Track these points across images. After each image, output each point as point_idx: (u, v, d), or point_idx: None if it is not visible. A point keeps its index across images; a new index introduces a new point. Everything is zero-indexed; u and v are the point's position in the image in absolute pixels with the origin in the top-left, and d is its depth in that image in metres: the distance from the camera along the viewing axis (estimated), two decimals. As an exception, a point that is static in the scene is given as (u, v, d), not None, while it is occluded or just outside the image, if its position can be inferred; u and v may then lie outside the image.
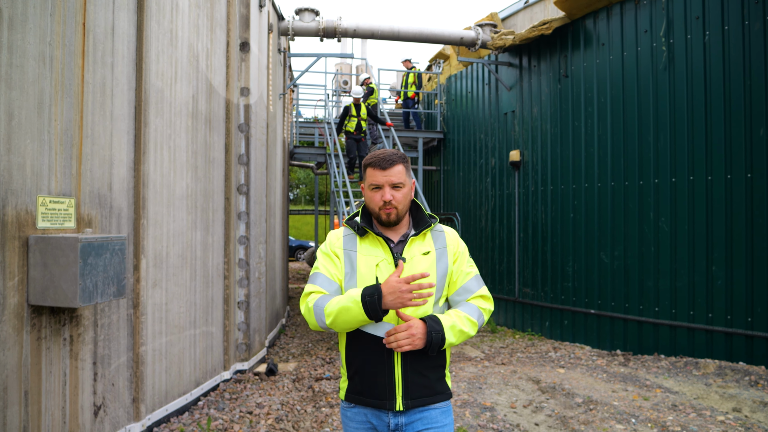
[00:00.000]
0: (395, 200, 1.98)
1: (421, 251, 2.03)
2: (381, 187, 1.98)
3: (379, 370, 1.94)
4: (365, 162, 2.04)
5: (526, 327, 9.14)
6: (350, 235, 2.08)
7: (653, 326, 7.09)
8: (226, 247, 5.75)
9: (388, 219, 2.00)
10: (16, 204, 3.06)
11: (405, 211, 2.04)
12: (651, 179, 7.20)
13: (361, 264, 2.00)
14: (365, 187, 2.05)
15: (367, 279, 1.97)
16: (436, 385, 2.01)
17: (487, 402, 5.12)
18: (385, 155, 2.00)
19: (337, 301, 1.89)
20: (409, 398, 1.95)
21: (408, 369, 1.95)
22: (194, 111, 5.04)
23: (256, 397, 5.13)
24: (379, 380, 1.95)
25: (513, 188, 9.63)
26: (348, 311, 1.85)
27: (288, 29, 8.48)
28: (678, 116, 6.94)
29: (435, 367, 2.00)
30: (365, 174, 2.04)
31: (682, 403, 5.06)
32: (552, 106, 8.71)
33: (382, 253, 2.01)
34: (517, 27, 9.77)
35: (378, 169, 1.98)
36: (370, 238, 2.05)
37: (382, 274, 1.96)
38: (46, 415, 3.29)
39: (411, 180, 2.08)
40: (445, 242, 2.09)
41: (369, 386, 1.97)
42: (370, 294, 1.81)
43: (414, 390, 1.96)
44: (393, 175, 1.97)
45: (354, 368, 2.00)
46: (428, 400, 1.99)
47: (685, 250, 6.83)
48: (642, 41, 7.34)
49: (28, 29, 3.13)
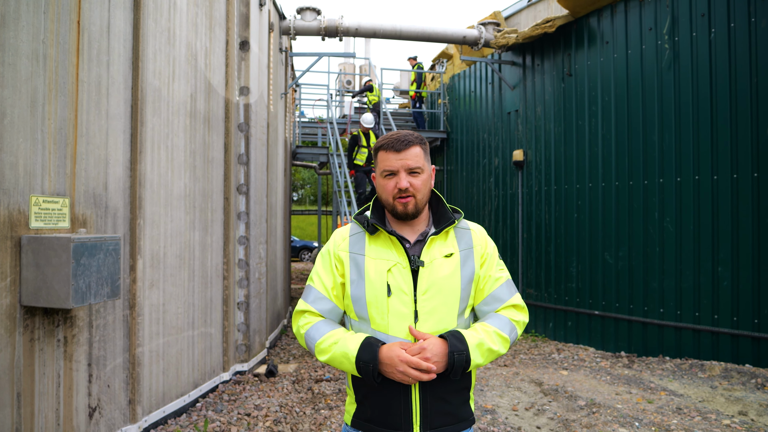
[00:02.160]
0: (413, 188, 1.67)
1: (442, 253, 1.72)
2: (396, 173, 1.68)
3: (394, 395, 1.65)
4: (377, 145, 1.74)
5: (530, 328, 9.06)
6: (358, 234, 1.78)
7: (658, 328, 7.00)
8: (225, 247, 5.70)
9: (405, 210, 1.69)
10: (8, 204, 3.03)
11: (424, 201, 1.73)
12: (656, 179, 7.12)
13: (370, 269, 1.70)
14: (377, 175, 1.75)
15: (377, 287, 1.68)
16: (460, 411, 1.72)
17: (488, 404, 5.05)
18: (399, 136, 1.70)
19: (331, 344, 1.67)
20: (429, 427, 1.66)
21: (428, 394, 1.66)
22: (193, 110, 5.00)
23: (254, 398, 5.08)
24: (393, 407, 1.66)
25: (516, 188, 9.56)
26: (341, 364, 1.66)
27: (289, 28, 8.44)
28: (683, 115, 6.86)
29: (459, 390, 1.72)
30: (377, 159, 1.74)
31: (687, 406, 4.98)
32: (556, 105, 8.64)
33: (395, 255, 1.70)
34: (521, 25, 9.70)
35: (392, 151, 1.68)
36: (381, 238, 1.74)
37: (394, 280, 1.67)
38: (39, 417, 3.25)
39: (431, 166, 1.77)
40: (471, 242, 1.78)
41: (381, 413, 1.68)
42: (365, 361, 1.59)
43: (435, 418, 1.67)
44: (409, 158, 1.67)
45: (363, 391, 1.71)
46: (450, 429, 1.69)
47: (691, 251, 6.74)
48: (646, 39, 7.25)
49: (20, 27, 3.10)
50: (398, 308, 1.66)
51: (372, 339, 1.65)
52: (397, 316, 1.66)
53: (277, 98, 8.09)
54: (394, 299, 1.67)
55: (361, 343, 1.63)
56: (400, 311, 1.66)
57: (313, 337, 1.72)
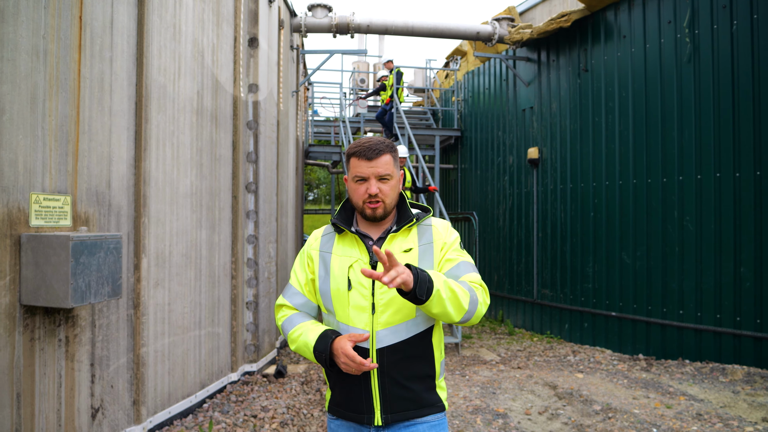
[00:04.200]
0: (382, 193, 1.81)
1: (401, 248, 1.85)
2: (366, 179, 1.81)
3: (355, 381, 1.80)
4: (348, 151, 1.87)
5: (545, 329, 8.89)
6: (329, 234, 1.95)
7: (677, 330, 6.80)
8: (233, 246, 5.64)
9: (374, 214, 1.83)
10: (7, 201, 2.98)
11: (393, 205, 1.88)
12: (675, 176, 6.91)
13: (334, 266, 1.86)
14: (348, 179, 1.88)
15: (339, 282, 1.83)
16: (424, 397, 1.83)
17: (500, 408, 4.92)
18: (371, 144, 1.82)
19: (298, 335, 1.86)
20: (389, 412, 1.79)
21: (386, 380, 1.78)
22: (199, 107, 4.94)
23: (262, 399, 5.01)
24: (355, 392, 1.81)
25: (531, 186, 9.39)
26: (305, 353, 1.84)
27: (300, 26, 8.37)
28: (704, 110, 6.64)
29: (421, 377, 1.83)
30: (348, 164, 1.87)
31: (707, 411, 4.80)
32: (571, 102, 8.45)
33: (357, 253, 1.85)
34: (536, 21, 9.52)
35: (363, 159, 1.80)
36: (347, 237, 1.90)
37: (355, 275, 1.81)
38: (40, 417, 3.20)
39: (399, 172, 1.91)
40: (431, 237, 1.89)
41: (347, 398, 1.84)
42: (320, 351, 1.76)
43: (395, 403, 1.79)
44: (380, 165, 1.80)
45: (333, 378, 1.87)
46: (413, 414, 1.81)
47: (712, 251, 6.53)
48: (665, 33, 7.05)
49: (20, 22, 3.05)
50: (357, 301, 1.80)
51: (329, 331, 1.80)
52: (356, 308, 1.80)
53: (288, 96, 8.02)
54: (354, 293, 1.80)
55: (319, 334, 1.80)
56: (359, 304, 1.79)
57: (286, 328, 1.92)
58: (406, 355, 1.79)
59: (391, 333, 1.78)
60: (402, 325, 1.79)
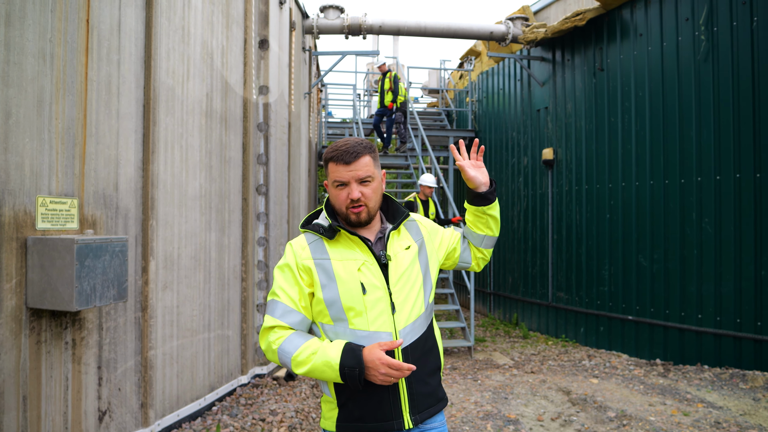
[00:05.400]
0: (364, 197, 1.73)
1: (402, 246, 1.82)
2: (347, 184, 1.73)
3: (383, 388, 1.69)
4: (325, 156, 1.78)
5: (560, 333, 8.75)
6: (317, 242, 1.80)
7: (696, 334, 6.63)
8: (243, 248, 5.63)
9: (358, 219, 1.75)
10: (13, 204, 2.99)
11: (376, 208, 1.80)
12: (693, 177, 6.74)
13: (339, 270, 1.73)
14: (329, 184, 1.79)
15: (350, 286, 1.70)
16: (438, 392, 1.82)
17: (511, 414, 4.83)
18: (348, 146, 1.73)
19: (309, 355, 1.65)
20: (417, 412, 1.73)
21: (413, 379, 1.71)
22: (208, 109, 4.94)
23: (271, 403, 4.98)
24: (378, 400, 1.69)
25: (546, 188, 9.26)
26: (323, 373, 1.64)
27: (312, 27, 8.36)
28: (723, 109, 6.47)
29: (434, 371, 1.82)
30: (327, 169, 1.78)
31: (726, 419, 4.66)
32: (587, 102, 8.31)
33: (360, 254, 1.75)
34: (550, 20, 9.39)
35: (341, 163, 1.72)
36: (342, 240, 1.78)
37: (366, 277, 1.72)
38: (47, 420, 3.21)
39: (380, 171, 1.83)
40: (420, 232, 1.91)
41: (371, 409, 1.70)
42: (350, 366, 1.60)
43: (420, 401, 1.74)
44: (359, 168, 1.72)
45: (347, 394, 1.72)
46: (434, 410, 1.79)
47: (731, 253, 6.36)
48: (683, 30, 6.89)
49: (26, 26, 3.06)
50: (375, 304, 1.71)
51: (353, 345, 1.66)
52: (376, 311, 1.71)
53: (300, 98, 8.01)
54: (369, 296, 1.71)
55: (342, 349, 1.65)
56: (378, 306, 1.71)
57: (289, 351, 1.69)
58: (424, 351, 1.78)
59: (412, 330, 1.75)
60: (418, 320, 1.77)
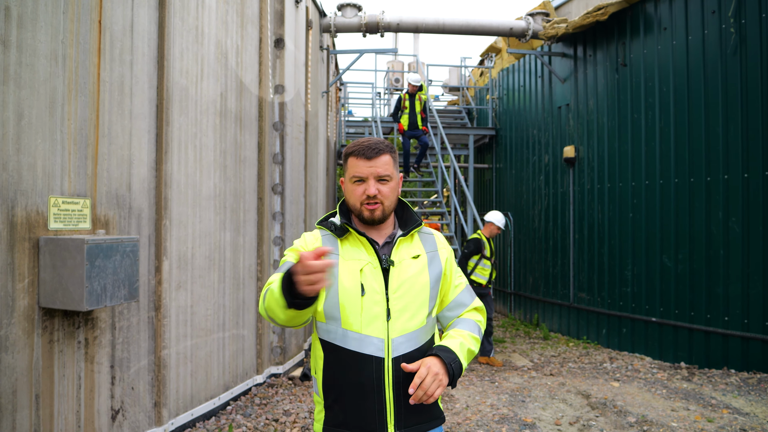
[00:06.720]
0: (381, 195, 1.72)
1: (410, 255, 1.77)
2: (365, 180, 1.72)
3: (368, 394, 1.66)
4: (346, 151, 1.78)
5: (581, 334, 8.58)
6: (329, 236, 1.79)
7: (722, 337, 6.42)
8: (258, 248, 5.64)
9: (372, 216, 1.73)
10: (26, 205, 3.01)
11: (392, 208, 1.78)
12: (720, 175, 6.53)
13: (342, 270, 1.70)
14: (345, 180, 1.79)
15: (349, 287, 1.68)
16: (432, 410, 1.76)
17: (528, 418, 4.73)
18: (370, 143, 1.73)
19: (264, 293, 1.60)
20: (403, 426, 1.68)
21: (402, 392, 1.67)
22: (223, 109, 4.94)
23: (285, 403, 4.97)
24: (367, 407, 1.66)
25: (567, 186, 9.08)
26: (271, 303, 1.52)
27: (330, 26, 8.33)
28: (751, 105, 6.25)
29: None
30: (346, 164, 1.78)
31: (752, 427, 4.49)
32: (609, 98, 8.12)
33: (365, 255, 1.73)
34: (572, 15, 9.20)
35: (362, 158, 1.71)
36: (350, 239, 1.76)
37: (366, 280, 1.69)
38: (59, 419, 3.23)
39: (399, 174, 1.81)
40: (435, 245, 1.85)
41: (354, 415, 1.67)
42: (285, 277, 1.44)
43: (408, 416, 1.69)
44: (379, 165, 1.71)
45: (334, 395, 1.71)
46: (425, 427, 1.73)
47: (760, 254, 6.14)
48: (709, 23, 6.67)
49: (38, 27, 3.08)
50: (371, 307, 1.68)
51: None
52: (371, 314, 1.68)
53: (317, 97, 7.99)
54: (367, 298, 1.68)
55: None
56: (373, 310, 1.68)
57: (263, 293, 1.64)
58: None
59: (407, 341, 1.70)
60: (416, 332, 1.72)
